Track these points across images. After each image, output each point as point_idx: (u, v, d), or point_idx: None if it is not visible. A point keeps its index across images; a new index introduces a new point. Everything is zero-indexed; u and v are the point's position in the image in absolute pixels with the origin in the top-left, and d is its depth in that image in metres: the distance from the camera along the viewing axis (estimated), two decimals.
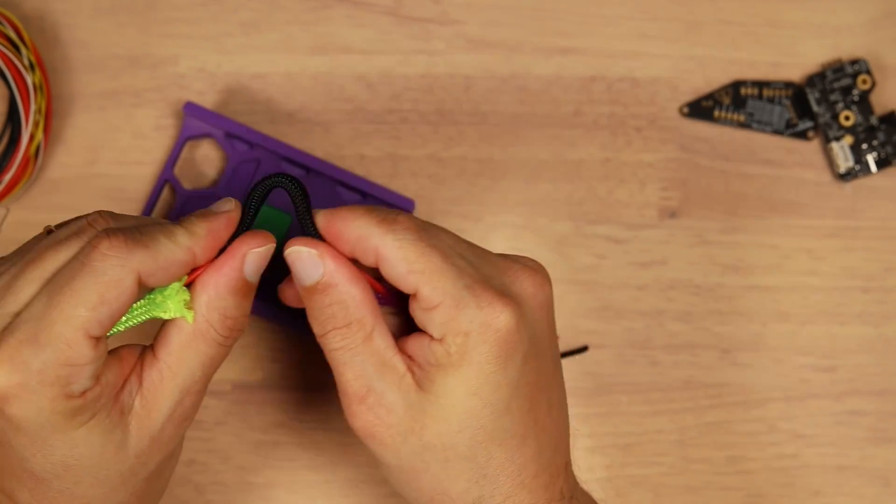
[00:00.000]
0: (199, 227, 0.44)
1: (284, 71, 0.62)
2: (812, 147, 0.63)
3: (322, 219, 0.46)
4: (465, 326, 0.44)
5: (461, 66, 0.62)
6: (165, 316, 0.44)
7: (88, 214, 0.45)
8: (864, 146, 0.62)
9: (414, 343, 0.45)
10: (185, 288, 0.44)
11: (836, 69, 0.62)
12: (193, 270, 0.44)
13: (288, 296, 0.48)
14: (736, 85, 0.62)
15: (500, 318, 0.44)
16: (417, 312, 0.45)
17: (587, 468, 0.60)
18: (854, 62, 0.62)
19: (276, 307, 0.58)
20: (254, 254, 0.45)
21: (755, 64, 0.63)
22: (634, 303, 0.61)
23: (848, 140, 0.62)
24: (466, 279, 0.44)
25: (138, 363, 0.44)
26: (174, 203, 0.60)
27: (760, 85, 0.62)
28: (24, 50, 0.58)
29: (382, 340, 0.45)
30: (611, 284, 0.61)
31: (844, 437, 0.60)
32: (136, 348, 0.45)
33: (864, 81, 0.62)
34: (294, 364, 0.60)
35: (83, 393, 0.42)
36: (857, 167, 0.62)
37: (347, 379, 0.45)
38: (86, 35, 0.62)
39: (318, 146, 0.61)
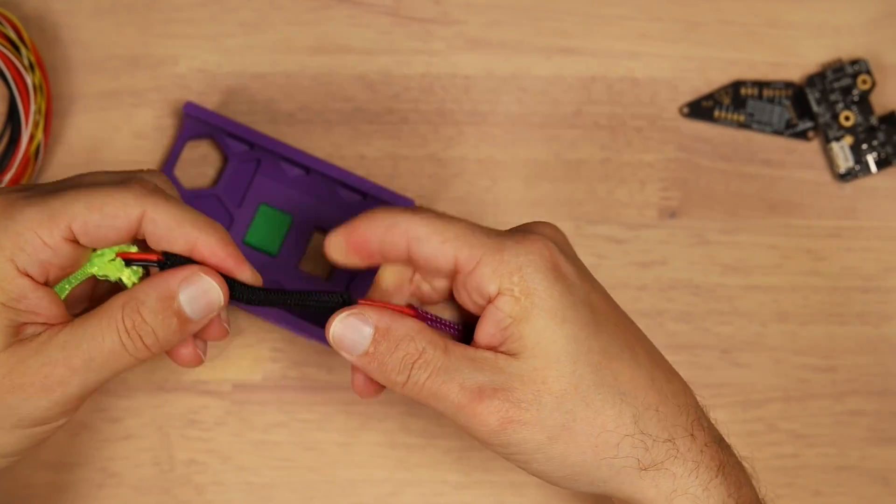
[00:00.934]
0: (218, 232, 0.46)
1: (284, 71, 0.62)
2: (812, 147, 0.63)
3: (341, 233, 0.46)
4: (515, 262, 0.45)
5: (461, 67, 0.62)
6: (92, 270, 0.46)
7: (147, 170, 0.48)
8: (864, 146, 0.62)
9: (481, 329, 0.46)
10: (119, 259, 0.46)
11: (836, 69, 0.62)
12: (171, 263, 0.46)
13: (359, 385, 0.48)
14: (736, 85, 0.63)
15: (538, 244, 0.45)
16: (467, 284, 0.45)
17: None
18: (854, 62, 0.62)
19: (275, 308, 0.59)
20: (187, 289, 0.45)
21: (755, 64, 0.63)
22: (634, 303, 0.61)
23: (848, 140, 0.62)
24: (493, 233, 0.46)
25: (60, 322, 0.45)
26: None
27: (760, 85, 0.63)
28: (23, 50, 0.59)
29: (458, 347, 0.45)
30: (611, 284, 0.61)
31: (844, 437, 0.61)
32: (68, 316, 0.46)
33: (864, 81, 0.62)
34: (294, 364, 0.60)
35: (23, 270, 0.44)
36: (857, 167, 0.62)
37: (455, 392, 0.45)
38: (86, 35, 0.62)
39: (318, 146, 0.61)
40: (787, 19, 0.63)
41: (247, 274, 0.46)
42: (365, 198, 0.60)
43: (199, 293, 0.45)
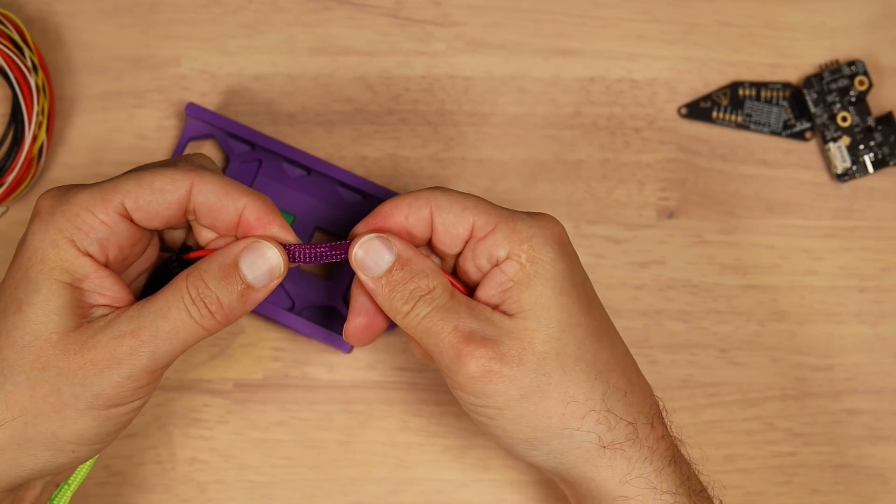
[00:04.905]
0: (263, 198, 0.48)
1: (285, 72, 0.62)
2: (809, 148, 0.63)
3: (367, 222, 0.49)
4: (526, 233, 0.48)
5: (461, 68, 0.63)
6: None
7: (191, 154, 0.51)
8: (861, 147, 0.62)
9: (482, 289, 0.49)
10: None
11: (833, 70, 0.62)
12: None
13: (353, 329, 0.50)
14: (734, 86, 0.63)
15: (550, 221, 0.49)
16: (477, 248, 0.49)
17: None
18: (851, 63, 0.62)
19: (276, 306, 0.59)
20: (248, 255, 0.47)
21: (753, 65, 0.63)
22: (633, 302, 0.61)
23: (845, 141, 0.62)
24: (506, 209, 0.49)
25: (125, 304, 0.47)
26: None
27: (758, 86, 0.63)
28: (27, 51, 0.59)
29: (462, 296, 0.49)
30: (609, 284, 0.61)
31: (841, 435, 0.61)
32: (132, 298, 0.48)
33: (861, 82, 0.62)
34: (295, 363, 0.60)
35: (84, 251, 0.45)
36: (854, 168, 0.62)
37: (447, 332, 0.47)
38: (88, 37, 0.62)
39: (319, 147, 0.62)
40: (785, 21, 0.63)
41: (291, 236, 0.48)
42: (365, 198, 0.60)
43: (260, 259, 0.47)
